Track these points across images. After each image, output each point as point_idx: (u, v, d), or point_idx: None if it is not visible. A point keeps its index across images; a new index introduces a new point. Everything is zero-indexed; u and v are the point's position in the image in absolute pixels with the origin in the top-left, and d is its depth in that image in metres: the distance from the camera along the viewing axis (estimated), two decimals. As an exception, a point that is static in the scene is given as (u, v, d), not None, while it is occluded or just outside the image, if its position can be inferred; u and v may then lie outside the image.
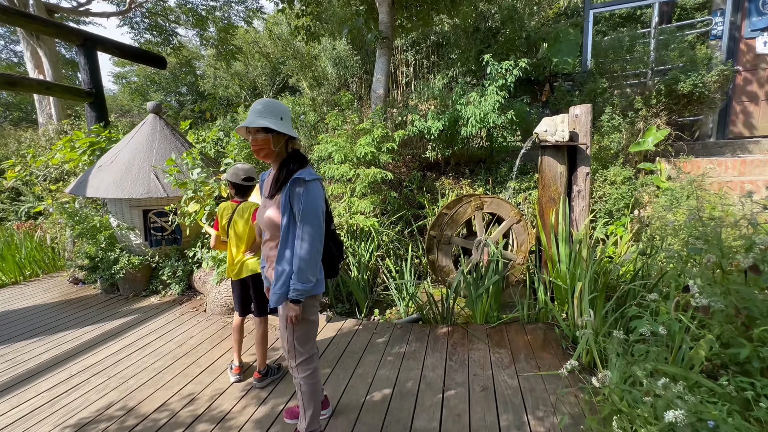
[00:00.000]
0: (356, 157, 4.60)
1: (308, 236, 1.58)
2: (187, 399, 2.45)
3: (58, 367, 2.91)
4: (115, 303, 4.27)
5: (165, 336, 3.38)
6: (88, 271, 4.59)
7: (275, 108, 1.66)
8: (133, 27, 11.97)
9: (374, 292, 4.35)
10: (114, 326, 3.62)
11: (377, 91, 6.46)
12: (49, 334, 3.54)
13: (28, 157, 6.39)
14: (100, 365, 2.91)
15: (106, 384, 2.65)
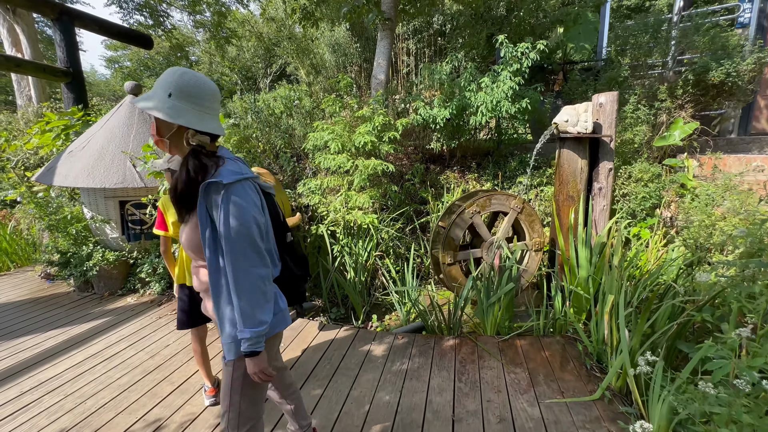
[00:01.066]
0: (355, 147, 4.19)
1: (240, 264, 1.12)
2: (152, 426, 2.09)
3: (7, 382, 2.53)
4: (88, 303, 3.89)
5: (137, 344, 3.00)
6: (60, 266, 4.19)
7: (166, 80, 1.16)
8: (122, 6, 11.36)
9: (372, 295, 3.99)
10: (82, 331, 3.24)
11: (378, 77, 6.03)
12: (7, 339, 3.15)
13: (0, 141, 5.93)
14: (58, 380, 2.54)
15: (61, 405, 2.28)
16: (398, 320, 3.63)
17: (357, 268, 3.86)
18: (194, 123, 1.16)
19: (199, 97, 1.17)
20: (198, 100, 1.17)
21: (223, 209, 1.10)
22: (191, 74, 1.18)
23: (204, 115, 1.19)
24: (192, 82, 1.17)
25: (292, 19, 6.99)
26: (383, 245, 4.23)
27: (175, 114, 1.14)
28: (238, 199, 1.11)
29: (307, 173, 5.43)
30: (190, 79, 1.17)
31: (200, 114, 1.18)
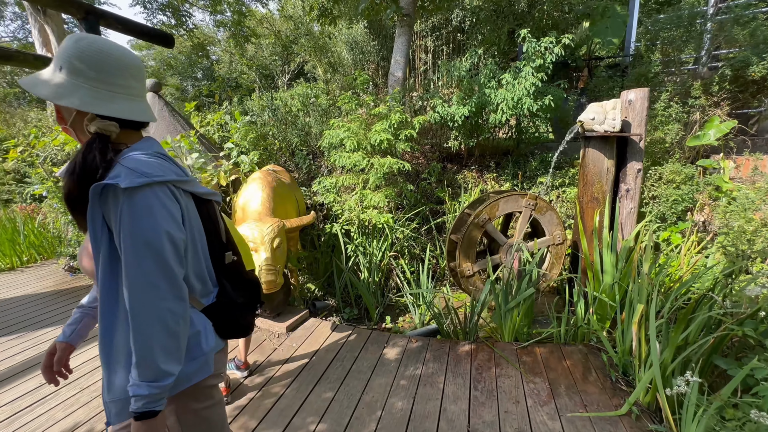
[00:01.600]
0: (370, 145, 4.13)
1: (142, 296, 0.84)
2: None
3: (29, 372, 2.59)
4: (108, 296, 3.96)
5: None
6: (82, 260, 4.30)
7: (60, 51, 0.90)
8: (146, 6, 11.66)
9: (386, 296, 3.92)
10: (100, 324, 3.30)
11: (396, 74, 5.94)
12: (30, 330, 3.24)
13: (30, 138, 6.14)
14: (75, 373, 2.58)
15: (77, 398, 2.31)
16: (412, 322, 3.56)
17: (371, 268, 3.80)
18: (88, 104, 0.88)
19: (101, 70, 0.89)
20: (99, 74, 0.89)
21: (121, 221, 0.84)
22: (90, 40, 0.90)
23: (106, 94, 0.91)
24: (89, 52, 0.88)
25: (310, 17, 6.97)
26: (398, 245, 4.16)
27: (62, 93, 0.87)
28: (141, 209, 0.84)
29: (322, 171, 5.40)
30: (86, 48, 0.88)
31: (99, 92, 0.90)
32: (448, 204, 4.62)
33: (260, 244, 2.75)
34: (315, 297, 3.92)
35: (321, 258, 4.01)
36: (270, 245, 2.77)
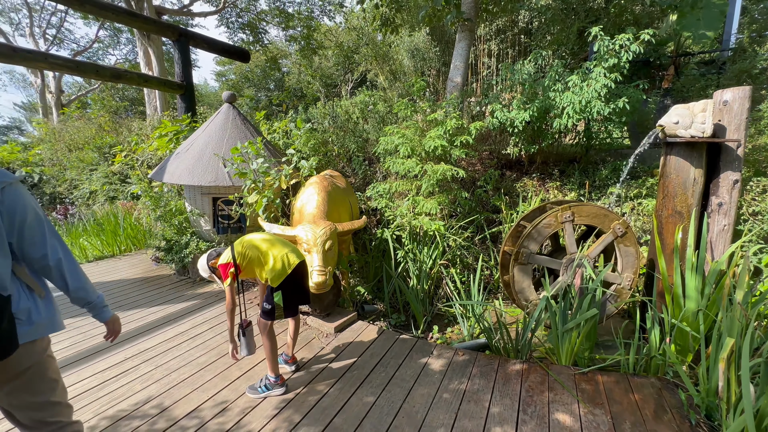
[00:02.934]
0: (425, 151, 4.11)
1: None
2: (219, 407, 2.26)
3: (118, 347, 2.98)
4: (183, 286, 4.43)
5: (216, 328, 3.32)
6: (165, 252, 4.86)
7: None
8: (228, 26, 12.95)
9: (434, 305, 3.85)
10: (175, 310, 3.69)
11: (454, 79, 5.86)
12: (123, 310, 3.74)
13: (132, 145, 7.15)
14: (153, 351, 2.91)
15: (152, 374, 2.61)
16: (460, 334, 3.44)
17: (420, 275, 3.76)
18: None
19: None
20: None
21: None
22: None
23: None
24: None
25: (373, 27, 7.17)
26: (449, 253, 4.06)
27: None
28: None
29: (377, 177, 5.50)
30: None
31: None
32: (505, 213, 4.41)
33: (313, 245, 2.87)
34: (364, 300, 3.98)
35: (371, 262, 4.07)
36: (321, 247, 2.88)
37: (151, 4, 9.05)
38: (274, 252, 2.31)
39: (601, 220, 3.22)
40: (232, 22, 13.06)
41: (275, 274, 2.26)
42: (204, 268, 2.43)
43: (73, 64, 5.15)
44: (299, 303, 2.51)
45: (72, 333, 3.20)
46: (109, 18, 5.51)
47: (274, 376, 2.34)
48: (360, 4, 8.03)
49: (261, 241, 2.38)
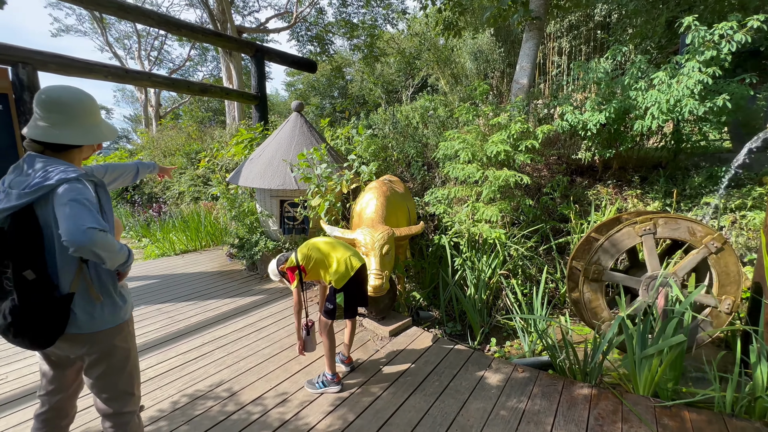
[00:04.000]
0: (486, 157, 3.98)
1: None
2: (280, 398, 2.40)
3: (197, 332, 3.32)
4: (252, 281, 4.80)
5: (280, 322, 3.54)
6: (237, 249, 5.32)
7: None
8: (298, 40, 13.85)
9: (493, 316, 3.70)
10: (245, 303, 4.02)
11: (520, 81, 5.61)
12: (202, 299, 4.16)
13: (213, 151, 7.97)
14: (225, 339, 3.20)
15: (224, 360, 2.87)
16: (520, 350, 3.26)
17: (479, 284, 3.64)
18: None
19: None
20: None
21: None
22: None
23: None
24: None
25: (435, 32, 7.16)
26: (510, 263, 3.88)
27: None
28: None
29: (436, 182, 5.45)
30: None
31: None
32: (574, 223, 4.09)
33: (370, 249, 2.93)
34: (419, 306, 3.96)
35: (428, 268, 4.04)
36: (379, 251, 2.93)
37: (233, 24, 10.04)
38: (337, 255, 2.41)
39: (690, 234, 2.84)
40: (302, 35, 13.95)
41: (339, 276, 2.36)
42: (274, 273, 2.56)
43: (169, 81, 5.91)
44: (359, 305, 2.58)
45: (160, 317, 3.64)
46: (199, 39, 6.22)
47: (331, 373, 2.43)
48: (423, 10, 8.09)
49: (325, 245, 2.50)
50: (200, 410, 2.28)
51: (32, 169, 1.27)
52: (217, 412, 2.27)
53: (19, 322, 1.22)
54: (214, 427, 2.14)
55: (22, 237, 1.22)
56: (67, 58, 4.50)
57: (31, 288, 1.22)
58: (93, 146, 1.43)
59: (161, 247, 6.46)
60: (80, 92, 1.36)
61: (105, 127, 1.43)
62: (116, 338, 1.41)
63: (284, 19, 13.59)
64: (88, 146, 1.40)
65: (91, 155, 1.49)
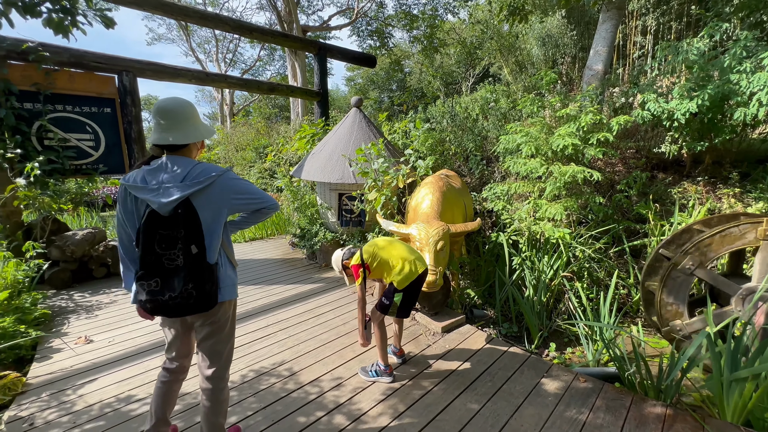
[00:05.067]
0: (551, 151, 3.74)
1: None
2: (335, 382, 2.54)
3: (263, 314, 3.62)
4: (312, 269, 5.08)
5: (336, 310, 3.71)
6: (299, 238, 5.66)
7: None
8: (359, 35, 14.09)
9: (553, 319, 3.50)
10: (305, 290, 4.27)
11: (594, 67, 5.15)
12: (267, 284, 4.51)
13: (279, 146, 8.50)
14: (287, 323, 3.44)
15: (285, 342, 3.09)
16: (582, 358, 3.05)
17: (538, 286, 3.46)
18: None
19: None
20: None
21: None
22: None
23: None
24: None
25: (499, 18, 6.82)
26: (575, 265, 3.62)
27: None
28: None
29: (495, 177, 5.26)
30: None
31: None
32: (653, 224, 3.68)
33: (425, 244, 2.94)
34: (473, 304, 3.88)
35: (483, 266, 3.94)
36: (434, 247, 2.93)
37: (299, 24, 10.53)
38: (402, 257, 2.44)
39: (742, 237, 2.41)
40: (362, 30, 14.16)
41: (402, 278, 2.40)
42: (338, 265, 2.60)
43: (242, 81, 6.40)
44: (413, 307, 2.61)
45: (233, 298, 4.01)
46: (268, 41, 6.63)
47: (384, 364, 2.50)
48: (486, -3, 7.74)
49: (390, 246, 2.51)
50: (265, 385, 2.50)
51: (179, 167, 1.53)
52: (279, 389, 2.47)
53: (199, 286, 1.50)
54: (276, 401, 2.34)
55: (190, 218, 1.49)
56: (160, 65, 5.09)
57: (197, 259, 1.51)
58: (198, 145, 1.69)
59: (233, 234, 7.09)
60: (181, 100, 1.61)
61: (203, 128, 1.68)
62: (230, 310, 1.71)
63: (346, 15, 13.91)
64: (194, 145, 1.66)
65: (200, 154, 1.77)
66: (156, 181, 1.51)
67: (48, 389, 2.46)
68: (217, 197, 1.54)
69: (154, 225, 1.49)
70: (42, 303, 3.80)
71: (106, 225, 7.77)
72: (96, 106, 4.71)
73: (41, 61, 4.16)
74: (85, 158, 4.67)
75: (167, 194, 1.46)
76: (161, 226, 1.49)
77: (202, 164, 1.56)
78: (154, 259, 1.50)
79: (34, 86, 4.23)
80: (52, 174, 4.35)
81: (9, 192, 4.03)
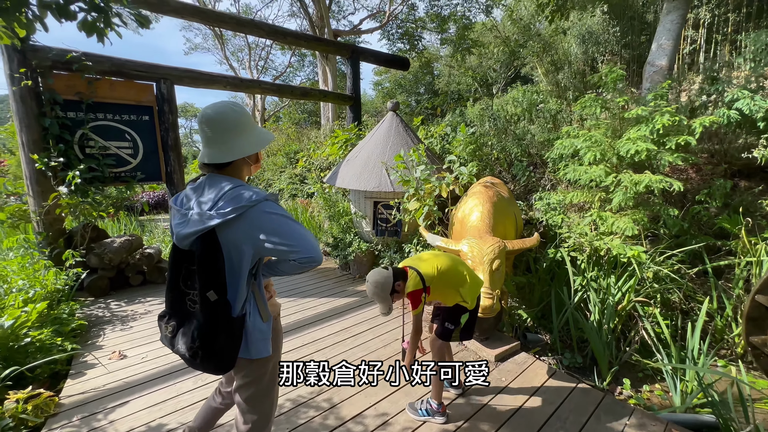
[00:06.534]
0: (617, 156, 3.32)
1: None
2: (381, 419, 2.26)
3: (296, 332, 3.39)
4: (345, 281, 4.85)
5: (375, 330, 3.43)
6: (331, 248, 5.45)
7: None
8: (389, 39, 13.91)
9: (624, 350, 3.06)
10: (340, 304, 4.03)
11: (657, 63, 4.65)
12: (300, 297, 4.31)
13: (310, 151, 8.40)
14: (322, 342, 3.20)
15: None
16: (666, 399, 2.61)
17: (605, 310, 3.04)
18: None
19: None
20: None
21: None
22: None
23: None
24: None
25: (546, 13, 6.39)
26: (646, 286, 3.17)
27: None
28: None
29: (542, 184, 4.84)
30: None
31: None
32: (744, 241, 3.17)
33: (478, 263, 2.62)
34: (526, 327, 3.50)
35: (537, 285, 3.55)
36: (489, 266, 2.60)
37: (330, 29, 10.48)
38: (466, 272, 2.14)
39: None
40: (392, 34, 13.98)
41: (473, 294, 2.10)
42: (386, 290, 1.98)
43: (275, 87, 6.33)
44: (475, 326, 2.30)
45: (266, 312, 3.84)
46: (302, 45, 6.55)
47: (437, 402, 2.20)
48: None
49: (449, 261, 2.15)
50: (303, 419, 2.26)
51: (213, 190, 1.25)
52: (318, 424, 2.22)
53: (207, 344, 1.22)
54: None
55: (209, 258, 1.21)
56: (196, 72, 5.07)
57: (214, 308, 1.22)
58: (249, 160, 1.37)
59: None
60: (226, 106, 1.31)
61: (254, 138, 1.35)
62: (265, 368, 1.42)
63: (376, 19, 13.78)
64: (242, 161, 1.35)
65: (256, 170, 1.45)
66: (190, 204, 1.27)
67: (80, 411, 2.34)
68: (244, 234, 1.22)
69: (180, 257, 1.26)
70: (80, 311, 3.78)
71: (144, 230, 7.92)
72: (135, 114, 4.73)
73: (84, 70, 4.19)
74: (124, 166, 4.68)
75: (189, 224, 1.22)
76: (186, 259, 1.26)
77: (237, 189, 1.24)
78: (177, 297, 1.27)
79: (77, 95, 4.28)
80: (93, 182, 4.38)
81: (52, 200, 4.07)
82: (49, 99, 4.11)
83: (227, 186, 1.27)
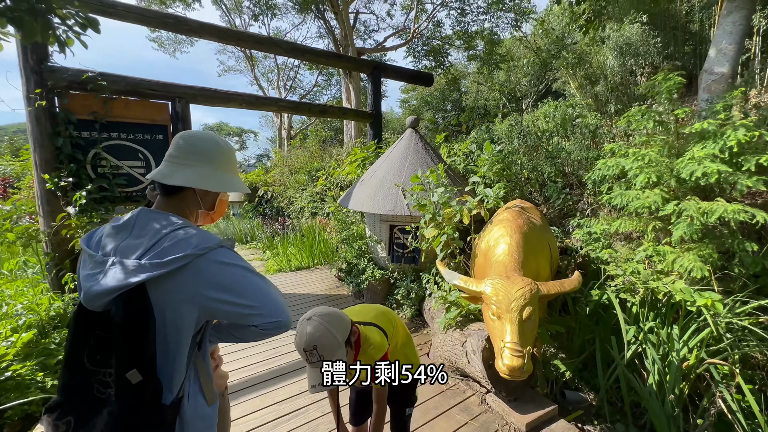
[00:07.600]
0: (676, 179, 2.76)
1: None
2: None
3: (297, 374, 3.01)
4: (357, 311, 4.44)
5: (383, 376, 2.98)
6: (345, 273, 5.08)
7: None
8: (414, 56, 13.79)
9: (693, 420, 2.43)
10: (348, 341, 3.62)
11: (716, 70, 4.04)
12: (306, 329, 3.94)
13: (330, 169, 8.20)
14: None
15: (318, 426, 2.43)
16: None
17: (668, 370, 2.44)
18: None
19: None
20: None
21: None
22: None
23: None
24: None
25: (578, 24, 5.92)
26: (722, 341, 2.54)
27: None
28: None
29: (581, 208, 4.28)
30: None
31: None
32: None
33: (504, 311, 2.14)
34: (564, 381, 2.93)
35: (578, 330, 2.98)
36: (518, 314, 2.12)
37: (354, 47, 10.44)
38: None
39: None
40: (418, 51, 13.86)
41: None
42: (343, 335, 1.35)
43: (293, 104, 6.19)
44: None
45: (264, 348, 3.48)
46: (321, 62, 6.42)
47: None
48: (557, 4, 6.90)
49: (377, 308, 1.90)
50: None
51: (149, 229, 0.95)
52: None
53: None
54: None
55: (133, 325, 0.88)
56: (211, 90, 4.97)
57: (136, 394, 0.88)
58: (206, 202, 1.09)
59: (279, 262, 6.75)
60: (215, 137, 1.10)
61: (226, 179, 1.09)
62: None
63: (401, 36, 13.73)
64: (194, 198, 1.07)
65: (207, 223, 1.15)
66: (109, 249, 0.94)
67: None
68: (186, 291, 0.91)
69: (87, 321, 0.91)
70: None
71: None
72: (149, 133, 4.65)
73: (99, 90, 4.16)
74: (135, 185, 4.59)
75: (106, 277, 0.88)
76: (99, 324, 0.90)
77: (181, 229, 0.94)
78: (80, 379, 0.90)
79: (92, 115, 4.24)
80: (102, 202, 4.29)
81: (59, 220, 3.99)
82: (63, 119, 4.09)
83: (167, 226, 0.94)
